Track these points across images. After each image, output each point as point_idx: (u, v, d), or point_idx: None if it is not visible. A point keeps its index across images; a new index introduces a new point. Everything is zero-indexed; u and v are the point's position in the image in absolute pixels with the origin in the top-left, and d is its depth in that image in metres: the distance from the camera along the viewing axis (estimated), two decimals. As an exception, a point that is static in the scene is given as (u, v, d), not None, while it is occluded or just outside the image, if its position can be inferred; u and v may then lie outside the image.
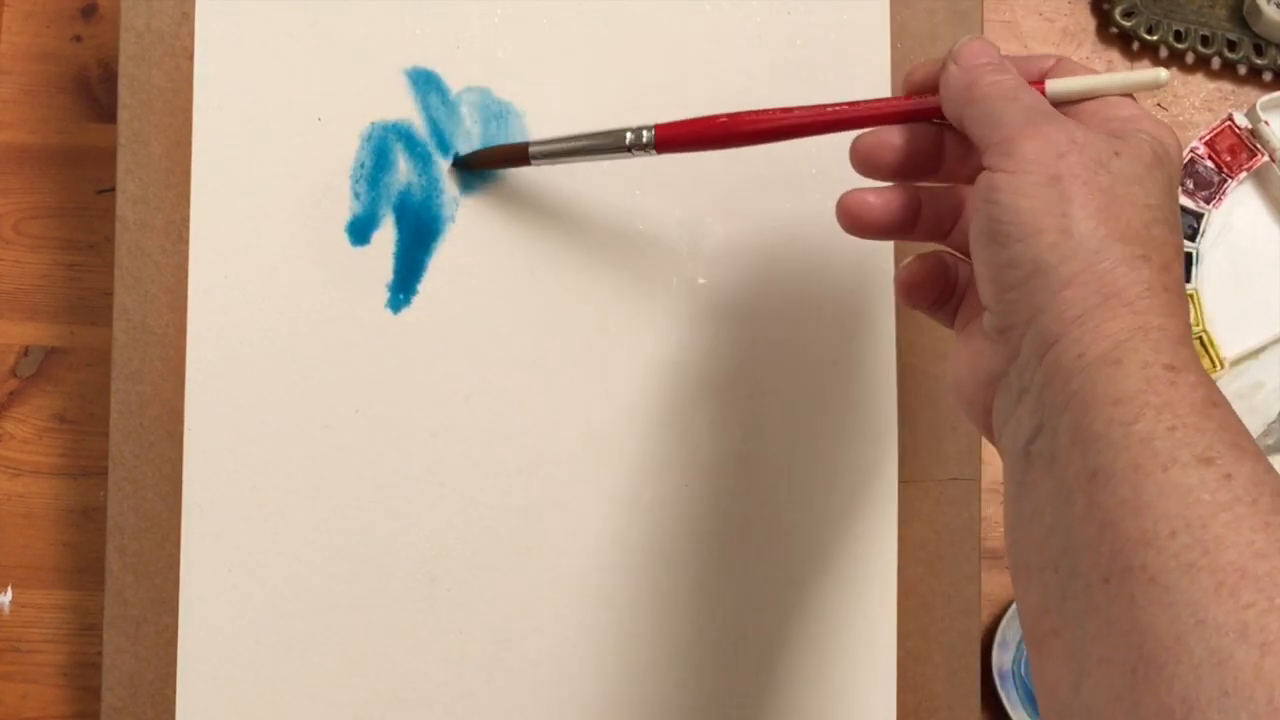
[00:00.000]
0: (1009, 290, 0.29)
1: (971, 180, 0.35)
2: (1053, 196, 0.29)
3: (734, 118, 0.36)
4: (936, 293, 0.36)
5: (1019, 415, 0.30)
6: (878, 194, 0.35)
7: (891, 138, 0.35)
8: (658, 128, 0.37)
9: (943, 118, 0.34)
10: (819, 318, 0.44)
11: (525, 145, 0.40)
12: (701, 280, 0.44)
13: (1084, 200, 0.29)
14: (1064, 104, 0.33)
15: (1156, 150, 0.31)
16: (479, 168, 0.43)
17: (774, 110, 0.36)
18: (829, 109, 0.35)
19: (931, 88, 0.35)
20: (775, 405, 0.44)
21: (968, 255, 0.36)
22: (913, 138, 0.35)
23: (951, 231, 0.36)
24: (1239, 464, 0.25)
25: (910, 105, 0.35)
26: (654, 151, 0.37)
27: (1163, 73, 0.33)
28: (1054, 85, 0.33)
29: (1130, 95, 0.33)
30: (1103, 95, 0.33)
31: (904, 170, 0.35)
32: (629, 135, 0.37)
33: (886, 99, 0.35)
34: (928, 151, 0.35)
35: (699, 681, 0.43)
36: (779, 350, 0.44)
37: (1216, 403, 0.27)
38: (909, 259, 0.36)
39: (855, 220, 0.35)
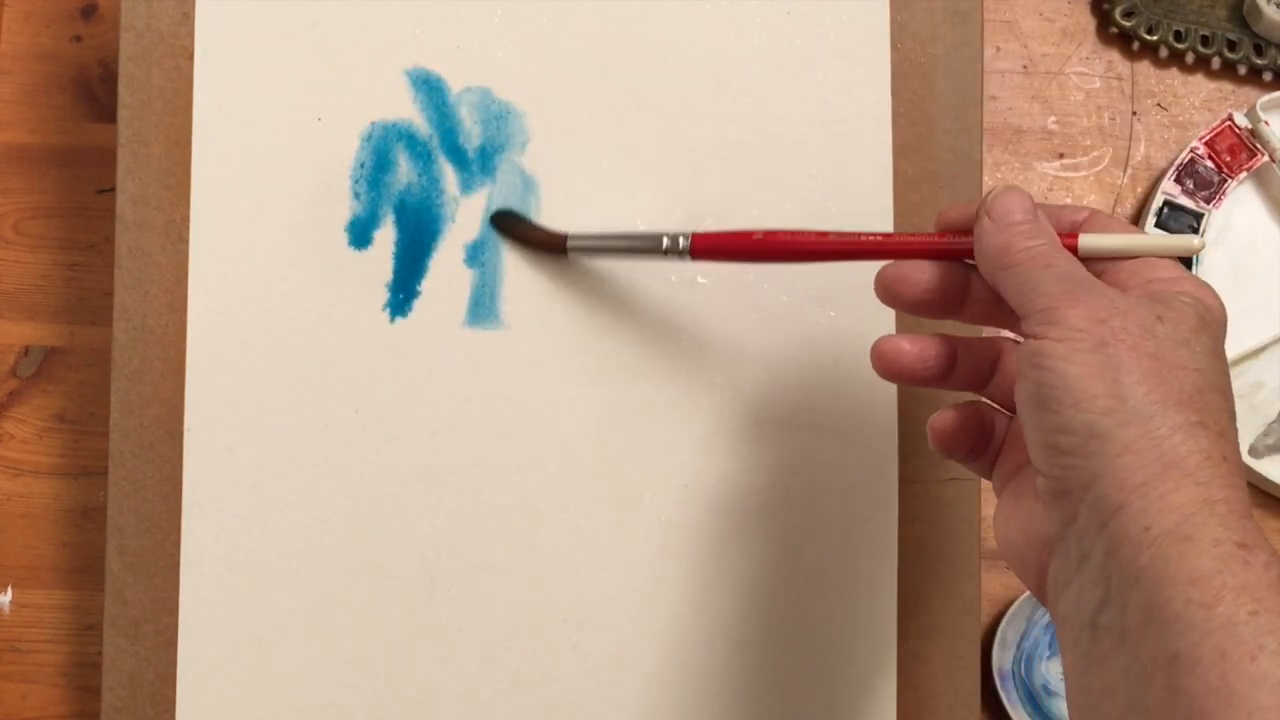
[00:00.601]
0: (1064, 455, 0.29)
1: (994, 322, 0.36)
2: (1101, 362, 0.29)
3: (768, 234, 0.37)
4: (972, 443, 0.36)
5: (1080, 583, 0.29)
6: (912, 341, 0.35)
7: (918, 273, 0.35)
8: (694, 236, 0.38)
9: (974, 259, 0.34)
10: (818, 317, 0.44)
11: (564, 237, 0.42)
12: (701, 279, 0.44)
13: (1132, 365, 0.29)
14: (1096, 260, 0.33)
15: (1200, 313, 0.31)
16: (509, 238, 0.43)
17: (809, 233, 0.37)
18: (863, 238, 0.36)
19: (964, 227, 0.35)
20: (775, 405, 0.44)
21: (1006, 407, 0.36)
22: (940, 275, 0.35)
23: (989, 382, 0.36)
24: None
25: (943, 244, 0.35)
26: (690, 258, 0.39)
27: (1196, 239, 0.33)
28: (1086, 240, 0.33)
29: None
30: (1136, 255, 0.33)
31: (927, 305, 0.35)
32: (665, 240, 0.39)
33: (921, 234, 0.36)
34: (953, 290, 0.35)
35: (699, 681, 0.43)
36: (778, 350, 0.44)
37: None
38: (943, 408, 0.36)
39: (889, 365, 0.35)
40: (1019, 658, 0.48)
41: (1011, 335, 0.36)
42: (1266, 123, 0.51)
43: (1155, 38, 0.53)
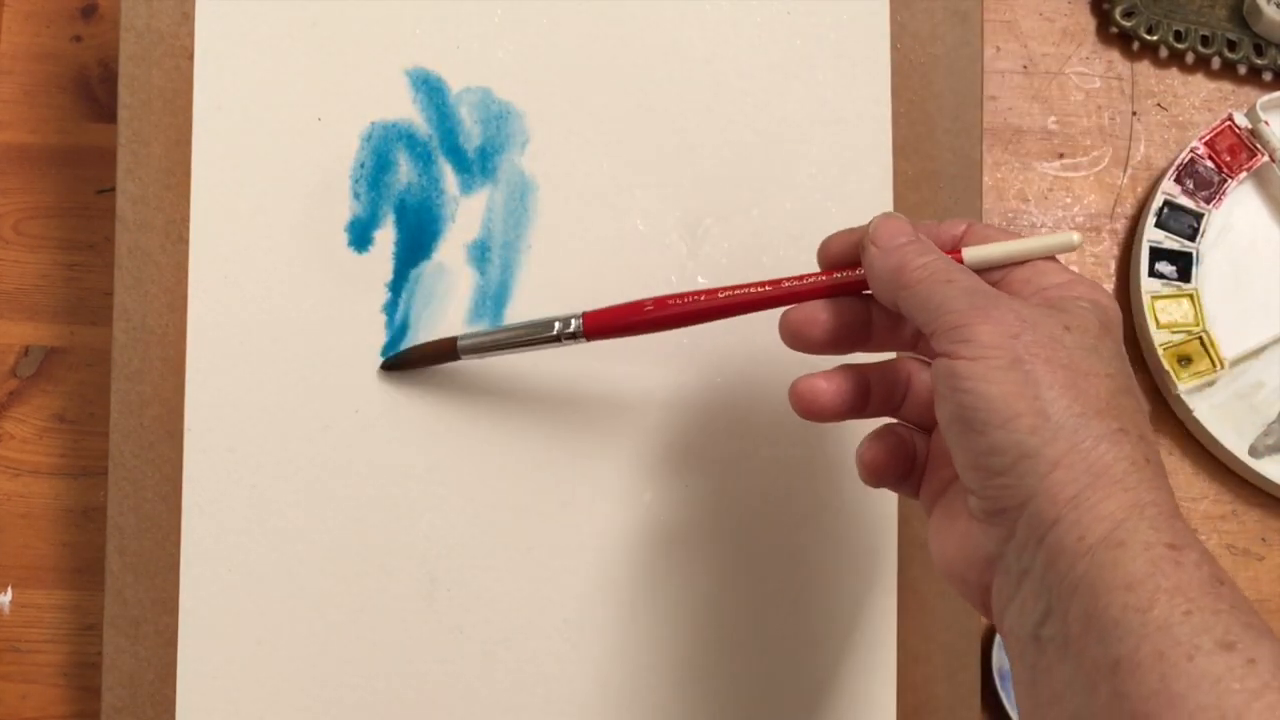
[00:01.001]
0: (996, 476, 0.30)
1: (904, 347, 0.36)
2: (1019, 379, 0.29)
3: (659, 303, 0.37)
4: (901, 469, 0.36)
5: (1022, 598, 0.30)
6: (828, 379, 0.35)
7: (818, 313, 0.35)
8: (585, 317, 0.38)
9: (865, 289, 0.35)
10: (819, 318, 0.44)
11: (453, 340, 0.41)
12: (701, 280, 0.44)
13: (1050, 379, 0.29)
14: (984, 271, 0.33)
15: (1100, 317, 0.31)
16: (409, 368, 0.43)
17: (698, 293, 0.36)
18: (754, 290, 0.36)
19: (849, 260, 0.35)
20: (775, 404, 0.44)
21: (922, 426, 0.36)
22: (840, 311, 0.35)
23: (902, 405, 0.36)
24: (1258, 646, 0.26)
25: (833, 282, 0.35)
26: (584, 339, 0.38)
27: (1075, 236, 0.33)
28: (971, 254, 0.33)
29: (1054, 258, 0.33)
30: (1020, 260, 0.33)
31: (834, 343, 0.35)
32: (558, 325, 0.38)
33: (810, 276, 0.35)
34: (857, 324, 0.35)
35: (699, 682, 0.43)
36: (778, 348, 0.44)
37: (1221, 579, 0.27)
38: (867, 440, 0.36)
39: (809, 406, 0.36)
40: (1019, 658, 0.48)
41: (921, 358, 0.37)
42: (1266, 123, 0.51)
43: (1155, 38, 0.53)
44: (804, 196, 0.44)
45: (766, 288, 0.36)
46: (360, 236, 0.43)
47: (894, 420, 0.37)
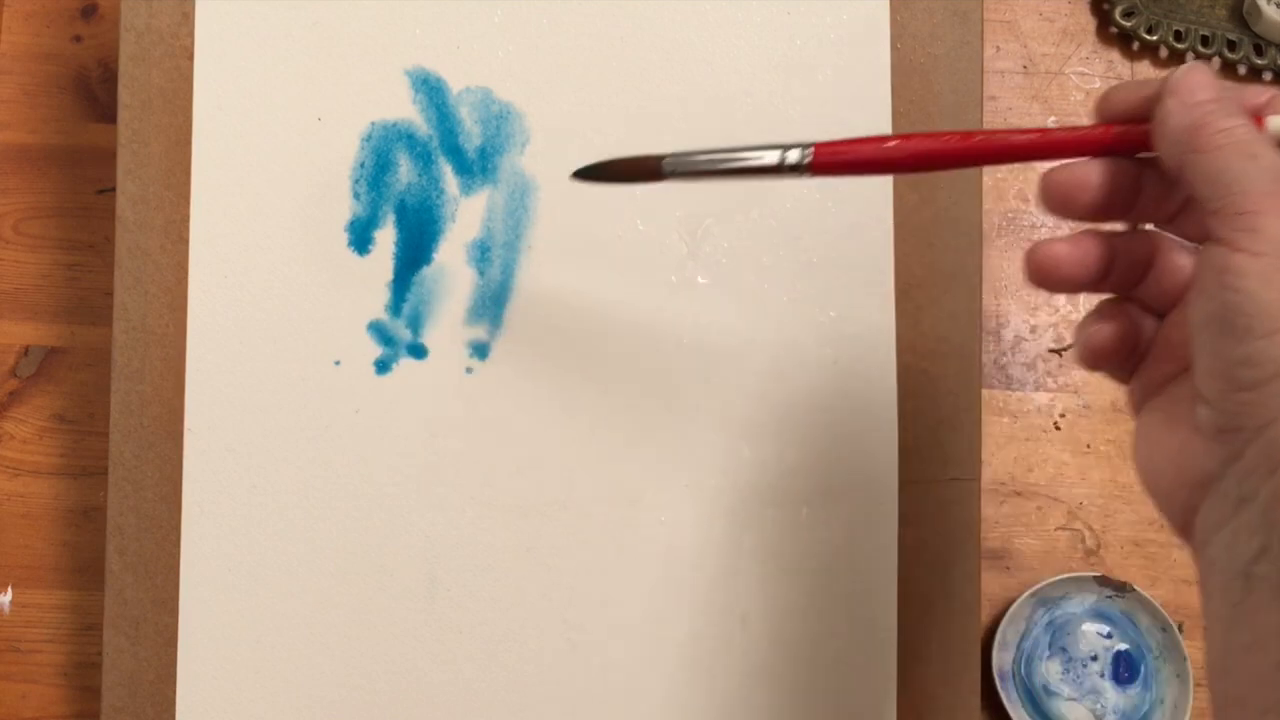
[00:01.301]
0: (1242, 390, 0.26)
1: (1164, 220, 0.32)
2: None
3: (904, 138, 0.32)
4: (1124, 353, 0.32)
5: (1237, 528, 0.26)
6: (1073, 244, 0.31)
7: (1090, 175, 0.31)
8: (816, 148, 0.32)
9: (1147, 151, 0.30)
10: (818, 317, 0.44)
11: (659, 158, 0.35)
12: (701, 280, 0.44)
13: None
14: None
15: None
16: (604, 181, 0.38)
17: (951, 134, 0.31)
18: (1016, 137, 0.31)
19: (1132, 117, 0.31)
20: (775, 405, 0.44)
21: (1157, 309, 0.32)
22: (1112, 175, 0.30)
23: (1141, 283, 0.32)
24: None
25: (1111, 135, 0.30)
26: (809, 174, 0.33)
27: None
28: (1276, 123, 0.29)
29: None
30: None
31: (1098, 210, 0.31)
32: (780, 153, 0.33)
33: (1085, 128, 0.31)
34: (1125, 189, 0.31)
35: (699, 681, 0.43)
36: (778, 350, 0.44)
37: None
38: (1091, 317, 0.32)
39: (1048, 275, 0.31)
40: (1019, 658, 0.48)
41: (1181, 241, 0.32)
42: (1266, 123, 0.51)
43: (1155, 38, 0.53)
44: (804, 196, 0.44)
45: (1034, 135, 0.31)
46: (360, 236, 0.43)
47: (1121, 298, 0.33)
